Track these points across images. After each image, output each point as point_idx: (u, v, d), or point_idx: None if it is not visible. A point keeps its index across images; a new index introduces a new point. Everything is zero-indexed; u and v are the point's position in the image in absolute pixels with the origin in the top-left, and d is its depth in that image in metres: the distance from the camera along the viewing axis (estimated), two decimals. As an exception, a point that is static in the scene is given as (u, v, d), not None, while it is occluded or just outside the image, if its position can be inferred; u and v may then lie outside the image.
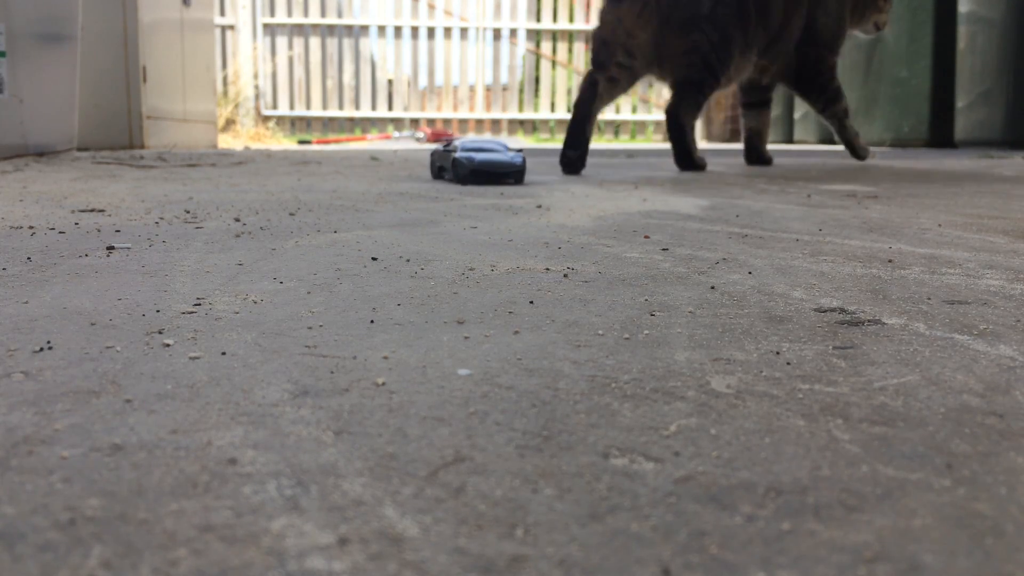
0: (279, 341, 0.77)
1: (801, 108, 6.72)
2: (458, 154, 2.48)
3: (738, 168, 3.49)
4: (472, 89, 8.23)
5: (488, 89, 8.30)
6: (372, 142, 7.38)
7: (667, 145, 7.13)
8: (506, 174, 2.47)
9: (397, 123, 8.20)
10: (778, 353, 0.74)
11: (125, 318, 0.86)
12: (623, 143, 7.86)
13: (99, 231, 1.49)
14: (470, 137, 2.34)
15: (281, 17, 7.98)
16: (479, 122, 8.27)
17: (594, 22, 7.73)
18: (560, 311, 0.90)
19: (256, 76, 7.96)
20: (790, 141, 7.02)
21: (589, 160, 3.97)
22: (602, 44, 3.16)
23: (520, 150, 2.58)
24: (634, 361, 0.72)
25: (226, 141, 6.48)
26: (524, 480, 0.48)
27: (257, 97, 8.02)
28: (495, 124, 8.27)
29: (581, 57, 8.29)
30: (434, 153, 2.69)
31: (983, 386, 0.66)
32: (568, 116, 8.29)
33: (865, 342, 0.78)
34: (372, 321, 0.85)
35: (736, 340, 0.79)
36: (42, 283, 1.03)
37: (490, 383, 0.66)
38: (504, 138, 7.97)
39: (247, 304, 0.93)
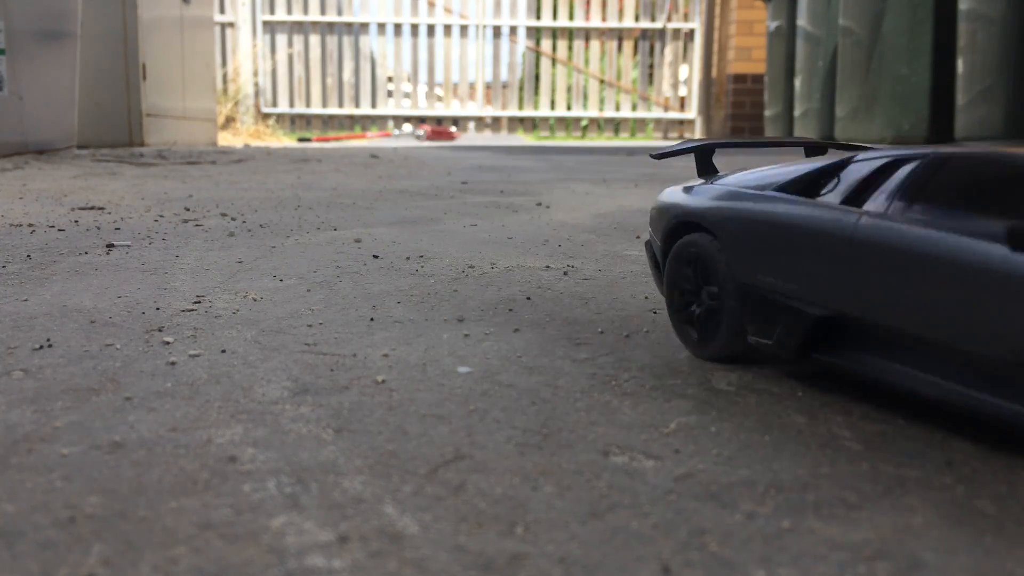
0: (279, 339, 0.77)
1: (801, 106, 6.72)
2: None
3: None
4: (472, 87, 8.23)
5: (488, 87, 8.30)
6: (372, 140, 7.39)
7: (667, 143, 7.13)
8: None
9: (397, 120, 8.21)
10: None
11: (125, 316, 0.86)
12: (623, 140, 7.86)
13: (99, 229, 1.49)
14: None
15: (281, 15, 7.98)
16: (479, 120, 8.28)
17: (594, 19, 7.66)
18: (560, 309, 0.90)
19: (256, 73, 7.96)
20: (790, 139, 7.00)
21: (589, 158, 3.97)
22: None
23: None
24: (634, 359, 0.72)
25: (226, 139, 6.48)
26: (524, 478, 0.48)
27: (257, 95, 8.03)
28: (495, 121, 8.28)
29: (581, 55, 8.29)
30: None
31: (983, 384, 0.66)
32: (568, 114, 8.30)
33: (865, 340, 0.78)
34: (372, 319, 0.85)
35: (736, 338, 0.78)
36: (42, 281, 1.03)
37: (490, 381, 0.66)
38: (504, 135, 7.98)
39: (247, 302, 0.92)
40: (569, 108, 8.45)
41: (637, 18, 8.24)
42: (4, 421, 0.57)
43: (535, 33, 8.28)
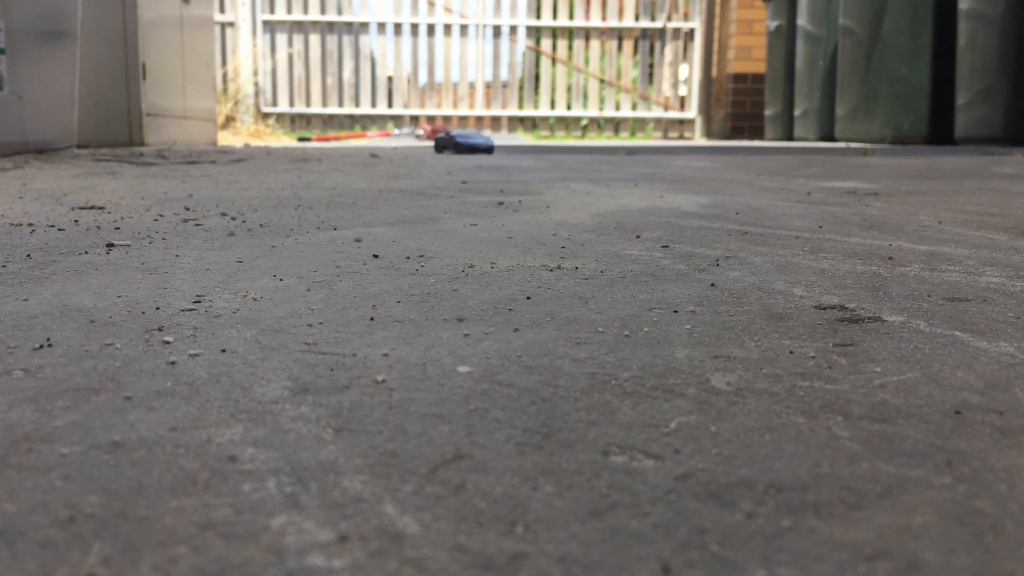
0: (279, 338, 0.77)
1: (801, 105, 6.71)
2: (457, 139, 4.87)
3: (738, 165, 3.49)
4: (472, 86, 8.22)
5: (488, 86, 8.29)
6: (372, 139, 7.38)
7: (667, 142, 7.12)
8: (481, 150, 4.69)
9: (397, 120, 8.20)
10: (778, 350, 0.74)
11: (125, 315, 0.86)
12: (623, 140, 7.86)
13: (99, 228, 1.49)
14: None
15: (281, 14, 7.97)
16: (479, 119, 8.26)
17: (594, 19, 7.65)
18: (560, 308, 0.90)
19: (256, 73, 7.95)
20: (790, 138, 7.01)
21: (589, 158, 3.97)
22: None
23: (490, 138, 4.77)
24: (634, 358, 0.72)
25: (226, 138, 6.47)
26: (524, 477, 0.48)
27: (257, 94, 8.02)
28: (495, 121, 8.27)
29: (581, 54, 8.28)
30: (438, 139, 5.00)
31: (983, 383, 0.66)
32: (568, 113, 8.30)
33: (865, 339, 0.78)
34: (372, 318, 0.85)
35: (736, 337, 0.79)
36: (42, 280, 1.03)
37: (490, 380, 0.66)
38: (504, 135, 7.97)
39: (247, 301, 0.92)
40: (569, 108, 8.44)
41: (637, 18, 8.23)
42: (4, 421, 0.57)
43: (535, 33, 8.26)
